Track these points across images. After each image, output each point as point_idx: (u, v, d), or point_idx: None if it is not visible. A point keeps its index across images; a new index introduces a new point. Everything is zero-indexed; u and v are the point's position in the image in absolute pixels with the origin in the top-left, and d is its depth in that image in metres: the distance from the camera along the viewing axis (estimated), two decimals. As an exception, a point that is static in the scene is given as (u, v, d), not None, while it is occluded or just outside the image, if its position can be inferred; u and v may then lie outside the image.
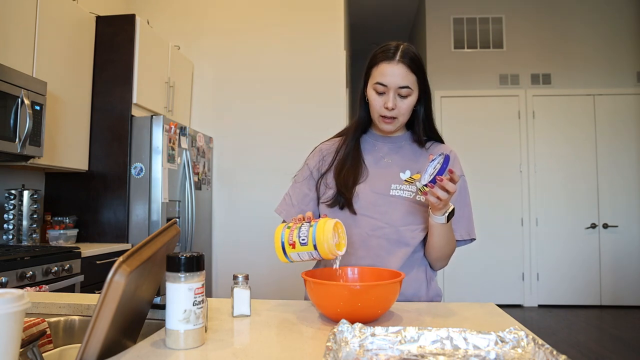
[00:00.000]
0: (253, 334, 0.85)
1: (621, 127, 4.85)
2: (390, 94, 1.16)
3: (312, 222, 1.00)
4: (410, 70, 1.16)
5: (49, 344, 0.94)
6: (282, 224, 1.05)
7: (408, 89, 1.16)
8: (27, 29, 2.41)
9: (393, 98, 1.16)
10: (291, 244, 0.99)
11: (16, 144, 2.21)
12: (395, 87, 1.16)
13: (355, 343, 0.71)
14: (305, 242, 0.97)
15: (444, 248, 1.18)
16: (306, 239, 0.97)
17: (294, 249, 0.99)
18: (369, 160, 1.27)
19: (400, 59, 1.16)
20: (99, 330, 0.64)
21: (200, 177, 3.54)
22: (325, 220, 0.98)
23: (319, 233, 0.96)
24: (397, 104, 1.17)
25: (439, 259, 1.23)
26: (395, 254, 1.18)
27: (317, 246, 0.96)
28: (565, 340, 3.63)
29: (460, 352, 0.68)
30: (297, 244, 0.98)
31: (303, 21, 3.87)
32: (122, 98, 3.00)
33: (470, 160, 4.81)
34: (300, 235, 0.98)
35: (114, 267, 0.64)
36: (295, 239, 0.98)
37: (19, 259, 2.01)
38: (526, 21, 5.01)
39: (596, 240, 4.80)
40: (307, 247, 0.97)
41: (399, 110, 1.18)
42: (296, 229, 0.99)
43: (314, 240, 0.96)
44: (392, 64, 1.16)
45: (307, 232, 0.98)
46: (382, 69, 1.17)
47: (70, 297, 1.12)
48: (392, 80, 1.15)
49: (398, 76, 1.15)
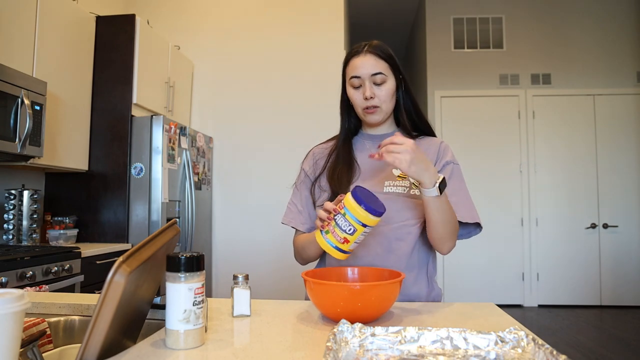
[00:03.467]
0: (253, 334, 0.85)
1: (621, 127, 4.85)
2: (366, 83, 1.20)
3: (340, 209, 0.98)
4: (380, 58, 1.20)
5: (49, 344, 0.94)
6: (316, 231, 1.02)
7: (381, 74, 1.19)
8: (27, 29, 2.41)
9: (370, 87, 1.20)
10: (344, 241, 0.97)
11: (16, 144, 2.21)
12: (368, 75, 1.19)
13: (355, 343, 0.71)
14: (354, 229, 0.96)
15: (446, 225, 1.12)
16: (352, 226, 0.95)
17: (349, 243, 0.97)
18: (361, 160, 1.28)
19: (367, 50, 1.21)
20: (99, 330, 0.64)
21: (200, 177, 3.54)
22: (347, 198, 0.97)
23: (356, 213, 0.95)
24: (374, 92, 1.20)
25: (443, 239, 1.15)
26: (394, 252, 1.18)
27: (364, 223, 0.95)
28: (565, 340, 3.62)
29: (460, 352, 0.68)
30: (347, 237, 0.97)
31: (303, 21, 3.87)
32: (122, 98, 3.00)
33: (471, 160, 4.81)
34: (344, 228, 0.96)
35: (114, 267, 0.64)
36: (343, 234, 0.96)
37: (19, 259, 2.01)
38: (526, 21, 5.01)
39: (596, 240, 4.80)
40: (357, 232, 0.96)
41: (379, 97, 1.20)
42: (336, 227, 0.97)
43: (358, 221, 0.95)
44: (361, 56, 1.21)
45: (346, 221, 0.96)
46: (353, 64, 1.22)
47: (70, 297, 1.12)
48: (363, 70, 1.20)
49: (369, 65, 1.19)
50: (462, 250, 4.82)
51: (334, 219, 0.98)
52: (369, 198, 0.98)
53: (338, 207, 0.98)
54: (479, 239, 4.83)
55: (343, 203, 0.98)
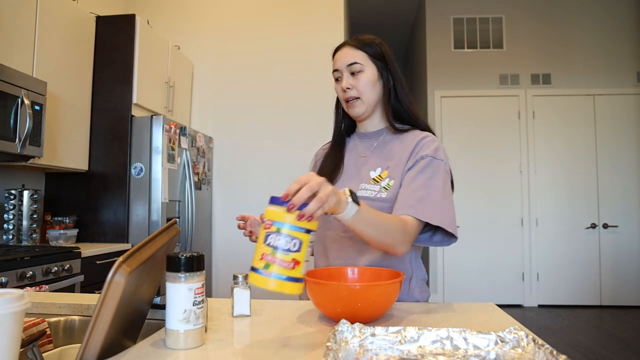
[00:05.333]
0: (253, 334, 0.85)
1: (621, 127, 4.84)
2: (344, 74, 1.19)
3: (267, 229, 0.75)
4: (356, 48, 1.19)
5: (49, 344, 0.94)
6: (249, 274, 0.76)
7: (357, 64, 1.17)
8: (27, 28, 2.40)
9: (347, 78, 1.18)
10: (293, 265, 0.73)
11: (16, 144, 2.21)
12: (344, 66, 1.19)
13: (355, 343, 0.71)
14: (299, 242, 0.74)
15: (386, 236, 0.98)
16: (295, 239, 0.73)
17: (299, 264, 0.74)
18: (348, 160, 1.26)
19: (345, 43, 1.21)
20: (99, 330, 0.64)
21: (200, 177, 3.54)
22: (269, 210, 0.76)
23: (292, 220, 0.74)
24: (351, 83, 1.18)
25: (389, 247, 1.01)
26: (365, 254, 1.15)
27: (307, 229, 0.75)
28: (565, 340, 3.62)
29: (460, 352, 0.68)
30: (295, 256, 0.73)
31: (303, 21, 3.87)
32: (122, 98, 2.99)
33: (470, 160, 4.81)
34: (286, 247, 0.73)
35: (114, 267, 0.64)
36: (289, 255, 0.73)
37: (19, 259, 2.00)
38: (526, 21, 5.01)
39: (596, 240, 4.80)
40: (304, 244, 0.75)
41: (357, 88, 1.18)
42: (275, 253, 0.73)
43: (299, 229, 0.74)
44: (341, 50, 1.21)
45: (285, 236, 0.73)
46: (334, 59, 1.23)
47: (70, 297, 1.12)
48: (340, 62, 1.19)
49: (345, 56, 1.19)
50: (462, 250, 4.82)
51: (267, 245, 0.73)
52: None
53: (262, 229, 0.75)
54: (479, 239, 4.83)
55: (266, 218, 0.75)
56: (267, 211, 0.75)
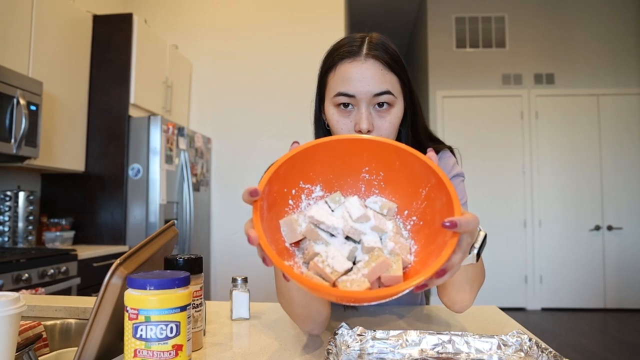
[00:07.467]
0: (252, 338, 0.85)
1: (625, 128, 4.81)
2: (362, 108, 0.79)
3: (129, 318, 0.58)
4: (388, 68, 0.80)
5: (45, 347, 0.94)
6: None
7: (389, 95, 0.79)
8: (22, 28, 2.39)
9: (367, 114, 0.79)
10: (176, 352, 0.58)
11: (12, 144, 2.20)
12: (369, 96, 0.79)
13: (355, 347, 0.71)
14: (175, 326, 0.58)
15: (473, 281, 0.80)
16: (170, 324, 0.58)
17: (182, 348, 0.59)
18: None
19: (369, 53, 0.79)
20: (96, 333, 0.65)
21: (199, 179, 3.51)
22: (129, 296, 0.59)
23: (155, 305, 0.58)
24: (374, 123, 0.79)
25: (467, 295, 0.81)
26: None
27: (182, 307, 0.59)
28: (568, 343, 3.59)
29: (462, 356, 0.68)
30: (178, 340, 0.58)
31: (303, 21, 3.85)
32: (119, 98, 2.97)
33: (473, 161, 4.78)
34: (161, 334, 0.57)
35: (111, 270, 0.65)
36: (170, 344, 0.57)
37: (15, 261, 1.99)
38: (529, 20, 4.98)
39: (600, 242, 4.75)
40: (182, 323, 0.59)
41: (381, 130, 0.80)
42: (147, 345, 0.57)
43: (169, 312, 0.58)
44: (359, 62, 0.79)
45: (152, 325, 0.57)
46: (344, 73, 0.80)
47: (66, 300, 1.13)
48: (361, 86, 0.78)
49: (371, 78, 0.78)
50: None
51: (139, 339, 0.57)
52: None
53: (127, 319, 0.57)
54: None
55: (128, 307, 0.58)
56: (127, 297, 0.58)
